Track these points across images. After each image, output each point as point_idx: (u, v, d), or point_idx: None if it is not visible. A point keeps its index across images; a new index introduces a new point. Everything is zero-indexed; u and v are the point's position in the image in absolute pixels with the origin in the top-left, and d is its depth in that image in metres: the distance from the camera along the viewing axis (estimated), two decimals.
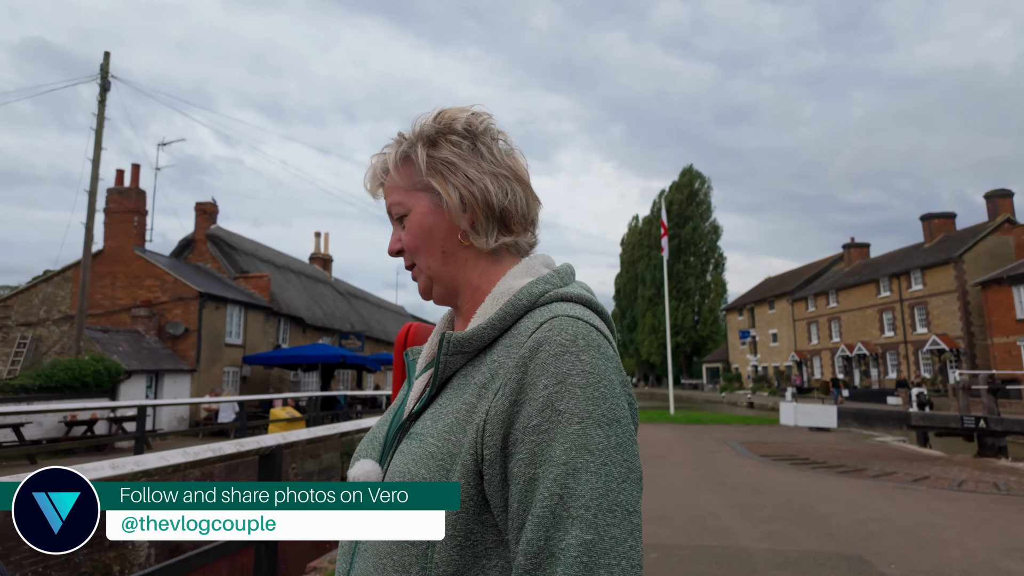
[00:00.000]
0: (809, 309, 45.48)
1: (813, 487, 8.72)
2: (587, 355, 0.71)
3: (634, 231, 71.32)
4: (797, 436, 15.77)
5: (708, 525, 6.45)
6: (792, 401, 21.56)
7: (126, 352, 16.87)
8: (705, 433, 16.24)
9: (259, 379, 22.68)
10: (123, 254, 19.95)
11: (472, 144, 0.85)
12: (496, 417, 0.71)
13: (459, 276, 0.87)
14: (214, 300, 19.94)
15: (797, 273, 52.79)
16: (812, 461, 11.23)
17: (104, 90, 15.80)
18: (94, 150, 15.58)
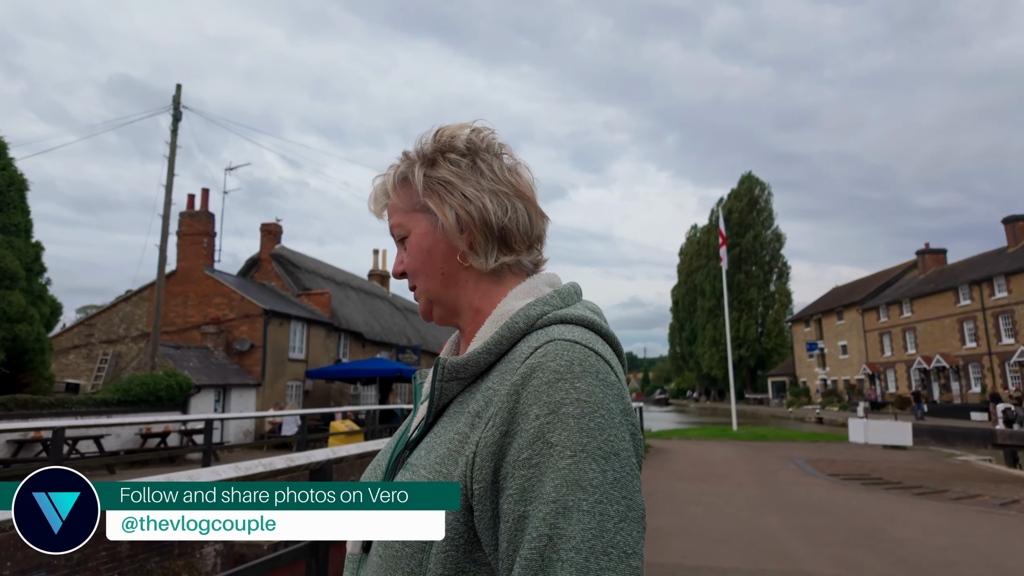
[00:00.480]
0: (881, 319, 43.25)
1: (886, 509, 8.23)
2: (583, 382, 0.67)
3: (692, 241, 69.88)
4: (869, 454, 14.95)
5: (769, 548, 6.17)
6: (863, 416, 20.48)
7: (196, 367, 17.69)
8: (769, 450, 15.62)
9: (320, 393, 23.31)
10: (194, 274, 21.01)
11: (472, 162, 0.83)
12: (486, 449, 0.67)
13: (460, 298, 0.85)
14: (278, 317, 20.69)
15: (867, 281, 50.37)
16: (886, 481, 10.62)
17: (176, 120, 16.76)
18: (167, 177, 16.53)
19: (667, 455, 14.53)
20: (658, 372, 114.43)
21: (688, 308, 69.80)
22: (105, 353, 19.44)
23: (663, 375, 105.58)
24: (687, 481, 10.67)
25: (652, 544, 6.26)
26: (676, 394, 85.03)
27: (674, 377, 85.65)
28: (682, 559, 5.76)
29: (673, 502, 8.66)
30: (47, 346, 14.57)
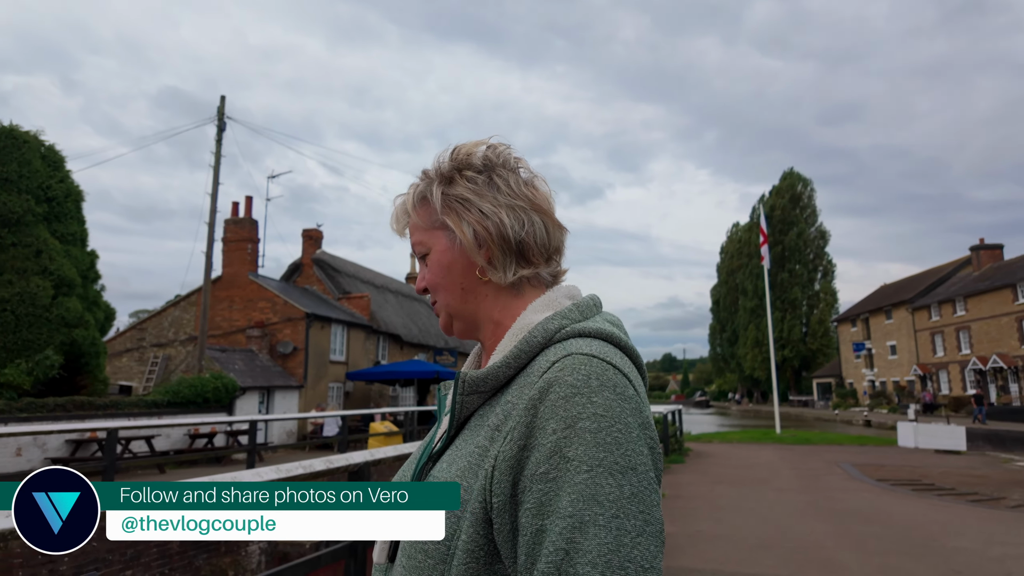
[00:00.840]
0: (933, 318, 41.58)
1: (938, 517, 7.90)
2: (600, 396, 0.67)
3: (733, 239, 68.45)
4: (921, 459, 14.39)
5: (813, 556, 6.00)
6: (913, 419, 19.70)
7: (241, 370, 18.19)
8: (814, 454, 15.19)
9: (360, 394, 23.70)
10: (239, 279, 21.64)
11: (488, 178, 0.84)
12: (504, 463, 0.68)
13: (479, 311, 0.86)
14: (319, 320, 21.13)
15: (917, 279, 48.50)
16: (938, 487, 10.20)
17: (220, 131, 17.29)
18: (212, 186, 17.07)
19: (707, 459, 14.26)
20: (698, 374, 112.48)
21: (729, 308, 68.40)
22: (155, 356, 20.17)
23: (703, 377, 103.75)
24: (727, 485, 10.45)
25: (690, 550, 6.16)
26: (717, 396, 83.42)
27: (715, 379, 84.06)
28: (721, 566, 5.64)
29: (713, 507, 8.49)
30: (102, 350, 15.22)
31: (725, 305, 69.61)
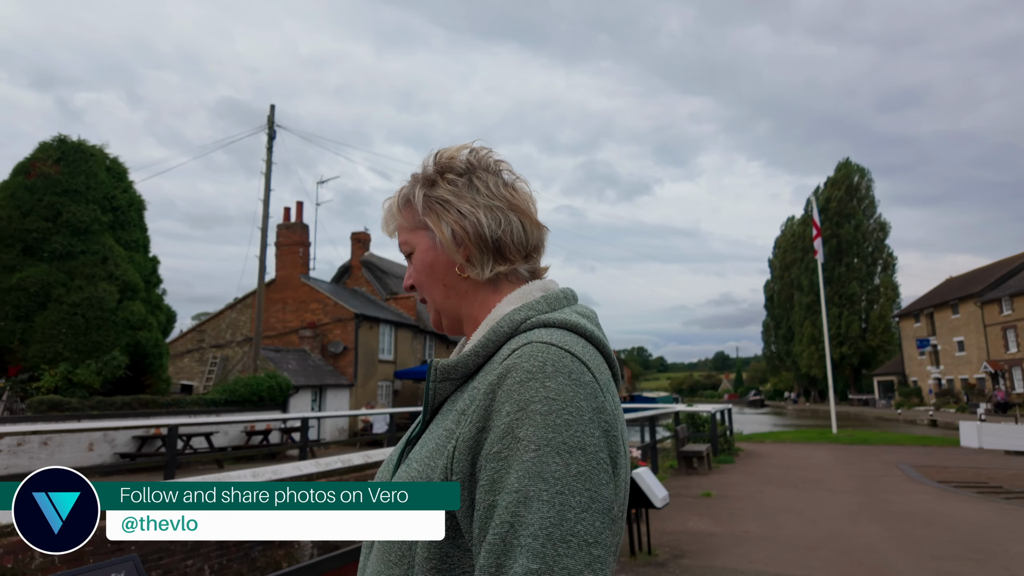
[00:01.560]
0: (1004, 312, 39.31)
1: (1004, 521, 7.50)
2: (553, 381, 0.70)
3: (788, 233, 66.25)
4: (989, 460, 13.65)
5: (864, 559, 5.80)
6: (982, 419, 18.70)
7: (294, 369, 18.78)
8: (871, 455, 14.61)
9: (408, 392, 24.12)
10: (291, 282, 22.34)
11: (468, 180, 0.88)
12: (464, 444, 0.72)
13: (461, 307, 0.91)
14: (368, 320, 21.61)
15: (987, 271, 45.91)
16: (1006, 491, 9.68)
17: (271, 139, 17.88)
18: (264, 192, 17.67)
19: (758, 459, 13.92)
20: (752, 372, 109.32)
21: (784, 304, 66.29)
22: (214, 357, 21.03)
23: (758, 375, 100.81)
24: (777, 486, 10.18)
25: (735, 550, 6.04)
26: (772, 395, 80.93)
27: (770, 377, 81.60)
28: (765, 566, 5.52)
29: (760, 508, 8.30)
30: (164, 351, 15.98)
31: (780, 301, 67.51)
